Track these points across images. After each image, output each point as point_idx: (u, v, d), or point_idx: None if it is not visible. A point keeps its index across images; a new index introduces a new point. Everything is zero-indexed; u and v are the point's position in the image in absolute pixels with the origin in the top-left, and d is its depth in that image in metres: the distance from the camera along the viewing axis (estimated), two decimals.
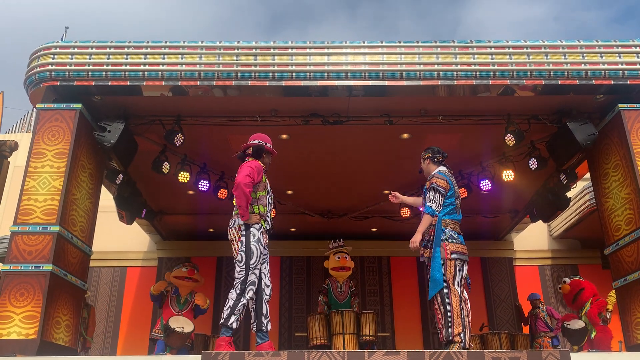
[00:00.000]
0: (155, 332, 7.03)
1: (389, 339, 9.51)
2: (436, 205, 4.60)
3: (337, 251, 7.48)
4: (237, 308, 4.23)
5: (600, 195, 6.07)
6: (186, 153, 6.88)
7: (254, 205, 4.48)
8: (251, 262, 4.31)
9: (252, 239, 4.38)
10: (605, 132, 5.96)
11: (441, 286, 4.40)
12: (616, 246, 5.71)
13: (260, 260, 4.37)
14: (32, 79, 5.66)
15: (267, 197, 4.59)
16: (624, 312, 5.65)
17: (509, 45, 5.75)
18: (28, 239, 5.07)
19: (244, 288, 4.26)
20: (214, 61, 5.65)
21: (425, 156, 5.02)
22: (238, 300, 4.24)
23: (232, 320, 4.22)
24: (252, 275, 4.30)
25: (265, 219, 4.52)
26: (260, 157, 4.71)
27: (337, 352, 3.84)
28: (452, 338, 4.35)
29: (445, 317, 4.41)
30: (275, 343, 9.44)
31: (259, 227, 4.45)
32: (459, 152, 7.11)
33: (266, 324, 4.38)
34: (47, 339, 4.90)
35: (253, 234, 4.40)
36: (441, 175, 4.72)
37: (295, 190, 8.34)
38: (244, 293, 4.25)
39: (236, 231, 4.48)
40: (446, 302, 4.42)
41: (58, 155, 5.41)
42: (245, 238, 4.39)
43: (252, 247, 4.36)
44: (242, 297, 4.24)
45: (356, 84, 5.67)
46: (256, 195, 4.50)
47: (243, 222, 4.43)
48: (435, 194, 4.62)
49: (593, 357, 4.16)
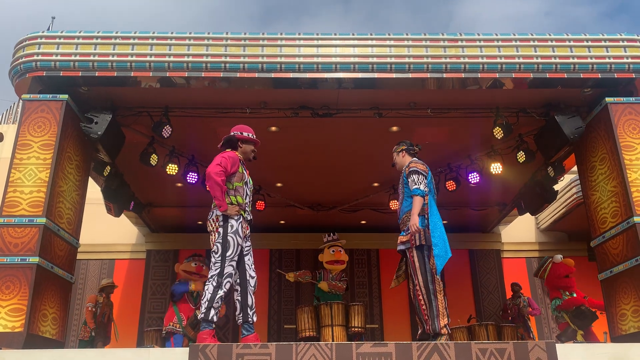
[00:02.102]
0: (174, 326, 6.85)
1: (378, 331, 9.56)
2: (423, 186, 4.62)
3: (331, 245, 7.50)
4: (214, 301, 4.20)
5: (587, 188, 6.13)
6: (174, 145, 6.84)
7: (231, 195, 4.43)
8: (227, 254, 4.27)
9: (230, 230, 4.34)
10: (593, 125, 6.01)
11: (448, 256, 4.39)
12: (602, 239, 5.77)
13: (236, 252, 4.32)
14: (17, 70, 5.58)
15: (244, 188, 4.53)
16: (609, 304, 5.72)
17: (497, 39, 5.76)
18: (14, 231, 5.01)
19: (221, 281, 4.23)
20: (202, 52, 5.60)
21: (400, 148, 5.04)
22: (215, 293, 4.21)
23: (211, 314, 4.20)
24: (228, 267, 4.26)
25: (244, 209, 4.47)
26: (236, 147, 4.63)
27: (325, 344, 3.85)
28: (439, 330, 4.38)
29: (430, 308, 4.43)
30: (264, 335, 9.46)
31: (238, 218, 4.39)
32: (448, 145, 7.13)
33: (252, 315, 4.37)
34: (34, 332, 4.86)
35: (231, 225, 4.35)
36: (419, 161, 4.80)
37: (285, 182, 8.33)
38: (221, 286, 4.22)
39: (214, 222, 4.42)
40: (431, 292, 4.44)
41: (44, 147, 5.35)
42: (222, 229, 4.34)
43: (229, 238, 4.31)
44: (219, 289, 4.21)
45: (345, 76, 5.65)
46: (232, 185, 4.45)
47: (221, 212, 4.36)
48: (418, 177, 4.67)
49: (578, 347, 4.21)
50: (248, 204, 4.57)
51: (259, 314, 9.70)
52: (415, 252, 4.60)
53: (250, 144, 4.69)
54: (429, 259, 4.50)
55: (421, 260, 4.56)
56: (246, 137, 4.66)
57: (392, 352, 3.81)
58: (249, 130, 4.73)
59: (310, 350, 3.80)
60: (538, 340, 4.30)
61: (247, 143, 4.67)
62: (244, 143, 4.66)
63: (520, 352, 3.82)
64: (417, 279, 4.55)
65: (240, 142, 4.65)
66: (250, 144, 4.68)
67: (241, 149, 4.64)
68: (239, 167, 4.51)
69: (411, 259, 4.63)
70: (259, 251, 10.11)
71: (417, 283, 4.55)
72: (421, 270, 4.53)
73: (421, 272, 4.52)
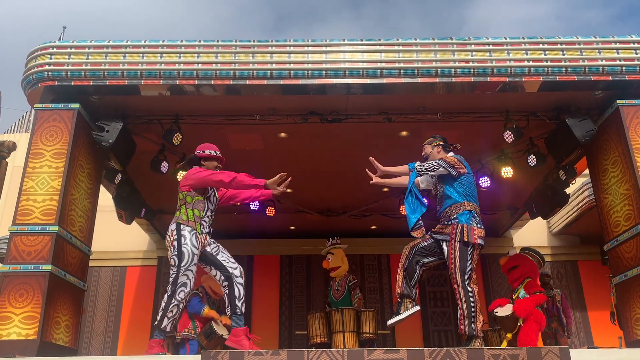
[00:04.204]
0: (189, 332, 6.83)
1: (389, 337, 9.51)
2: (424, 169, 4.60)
3: (327, 252, 7.55)
4: (169, 310, 4.34)
5: (599, 192, 6.07)
6: (185, 152, 6.87)
7: (188, 209, 4.57)
8: (182, 264, 4.41)
9: (183, 242, 4.47)
10: (604, 128, 5.96)
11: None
12: (615, 242, 5.71)
13: (191, 262, 4.43)
14: (30, 79, 5.65)
15: (205, 203, 4.67)
16: (623, 308, 5.66)
17: (506, 42, 5.74)
18: (27, 239, 5.06)
19: (174, 289, 4.35)
20: (211, 60, 5.64)
21: (436, 142, 4.94)
22: (169, 303, 4.34)
23: (164, 323, 4.34)
24: (182, 276, 4.39)
25: (200, 222, 4.59)
26: (199, 166, 4.81)
27: (336, 351, 3.84)
28: (475, 333, 4.31)
29: (468, 310, 4.33)
30: (275, 341, 9.46)
31: (190, 230, 4.52)
32: (458, 150, 7.09)
33: (240, 306, 4.45)
34: (47, 340, 4.89)
35: (184, 236, 4.49)
36: (456, 156, 4.72)
37: (295, 188, 8.29)
38: (175, 295, 4.34)
39: (169, 236, 4.56)
40: (469, 294, 4.34)
41: (56, 156, 5.40)
42: (177, 242, 4.48)
43: (183, 249, 4.45)
44: (172, 299, 4.35)
45: (354, 81, 5.66)
46: (192, 199, 4.60)
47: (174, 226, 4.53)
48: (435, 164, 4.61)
49: (593, 353, 4.17)
50: (207, 218, 4.69)
51: (270, 321, 9.76)
52: (458, 246, 4.42)
53: (213, 161, 4.85)
54: (471, 258, 4.41)
55: (464, 258, 4.41)
56: (208, 155, 4.84)
57: (404, 358, 3.79)
58: (211, 148, 4.91)
59: (322, 357, 3.79)
60: (552, 346, 4.27)
61: (209, 160, 4.84)
62: (206, 160, 4.83)
63: (533, 358, 3.78)
64: (456, 277, 4.40)
65: (203, 160, 4.82)
66: (213, 160, 4.85)
67: (205, 166, 4.81)
68: None
69: (451, 253, 4.46)
70: (269, 257, 10.17)
71: (455, 281, 4.41)
72: (461, 268, 4.39)
73: (461, 271, 4.39)
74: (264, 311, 9.75)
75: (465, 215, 4.51)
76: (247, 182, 4.53)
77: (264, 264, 10.10)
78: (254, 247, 10.03)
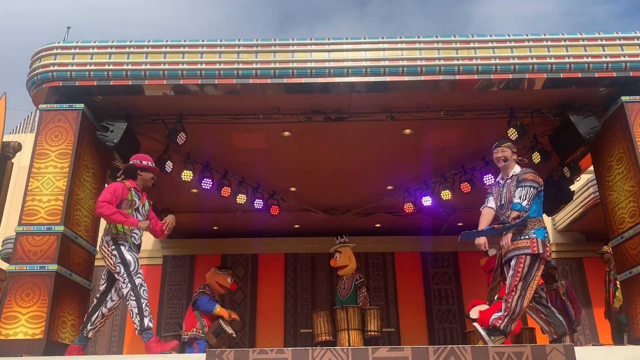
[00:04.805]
0: (197, 332, 6.82)
1: (394, 335, 9.52)
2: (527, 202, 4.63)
3: (334, 250, 7.55)
4: (144, 310, 4.43)
5: (604, 188, 6.06)
6: (189, 152, 6.90)
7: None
8: (131, 269, 4.52)
9: (124, 249, 4.58)
10: (609, 124, 5.94)
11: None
12: (620, 239, 5.69)
13: (138, 265, 4.57)
14: (34, 80, 5.68)
15: (134, 214, 4.72)
16: (628, 305, 5.64)
17: (510, 39, 5.73)
18: (33, 239, 5.09)
19: (138, 292, 4.45)
20: (215, 59, 5.65)
21: (514, 148, 4.95)
22: (140, 304, 4.44)
23: (146, 323, 4.41)
24: (137, 279, 4.51)
25: (131, 235, 4.67)
26: (135, 176, 4.85)
27: (341, 349, 3.85)
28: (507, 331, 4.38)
29: (514, 310, 4.38)
30: (280, 340, 9.48)
31: (123, 242, 4.61)
32: (462, 147, 7.09)
33: (89, 330, 4.63)
34: (54, 339, 4.92)
35: (123, 245, 4.60)
36: (535, 172, 4.79)
37: (299, 187, 8.35)
38: (141, 296, 4.45)
39: (106, 248, 4.63)
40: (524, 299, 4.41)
41: (61, 156, 5.43)
42: (117, 251, 4.57)
43: (127, 256, 4.56)
44: (141, 299, 4.45)
45: (358, 80, 5.66)
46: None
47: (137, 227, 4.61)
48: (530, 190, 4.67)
49: (597, 350, 4.16)
50: (136, 230, 4.74)
51: (277, 318, 9.78)
52: (530, 259, 4.49)
53: (149, 172, 4.90)
54: (537, 271, 4.48)
55: (531, 270, 4.48)
56: (144, 166, 4.88)
57: (409, 356, 3.80)
58: (147, 159, 4.95)
59: (327, 355, 3.81)
60: (556, 344, 4.26)
61: (145, 171, 4.88)
62: (143, 171, 4.87)
63: (538, 355, 3.78)
64: (517, 285, 4.45)
65: (140, 171, 4.86)
66: (149, 171, 4.90)
67: (140, 177, 4.87)
68: (128, 195, 4.71)
69: (519, 264, 4.49)
70: (274, 255, 10.19)
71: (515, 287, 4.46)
72: (526, 279, 4.44)
73: (524, 281, 4.44)
74: (269, 310, 9.77)
75: (542, 232, 4.61)
76: (119, 220, 4.56)
77: (269, 262, 10.12)
78: (258, 245, 10.06)
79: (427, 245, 10.11)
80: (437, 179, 7.84)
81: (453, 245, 10.08)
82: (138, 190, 4.83)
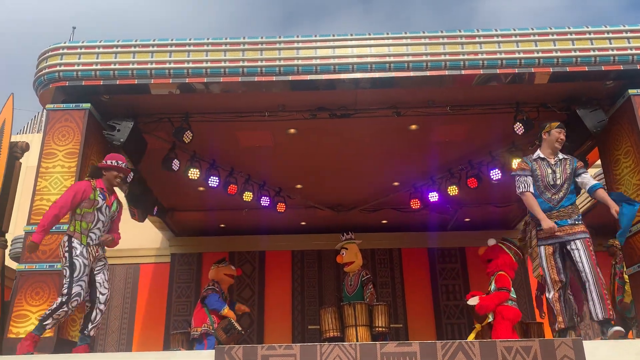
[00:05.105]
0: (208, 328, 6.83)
1: (402, 330, 9.53)
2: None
3: (341, 247, 7.56)
4: (56, 313, 4.39)
5: (612, 182, 6.03)
6: (195, 150, 6.92)
7: (76, 221, 4.64)
8: (74, 275, 4.48)
9: (74, 254, 4.55)
10: (616, 118, 5.91)
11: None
12: (628, 233, 5.66)
13: (84, 273, 4.51)
14: (41, 80, 5.71)
15: (95, 214, 4.68)
16: (637, 300, 5.62)
17: (515, 34, 5.70)
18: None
19: (69, 299, 4.41)
20: (220, 57, 5.67)
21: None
22: (59, 307, 4.39)
23: (47, 322, 4.38)
24: (76, 287, 4.45)
25: (87, 235, 4.63)
26: (99, 175, 4.84)
27: (349, 345, 3.86)
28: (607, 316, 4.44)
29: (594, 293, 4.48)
30: (289, 336, 9.51)
31: (78, 242, 4.59)
32: (468, 142, 7.08)
33: (90, 328, 4.59)
34: (64, 337, 4.97)
35: (75, 247, 4.57)
36: None
37: (305, 184, 8.36)
38: (68, 303, 4.40)
39: (62, 248, 4.62)
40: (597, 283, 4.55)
41: (69, 155, 5.47)
42: (68, 254, 4.55)
43: (74, 261, 4.52)
44: (64, 305, 4.40)
45: (363, 76, 5.66)
46: (81, 211, 4.64)
47: (66, 238, 4.61)
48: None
49: (605, 344, 4.15)
50: (97, 230, 4.70)
51: (283, 316, 9.81)
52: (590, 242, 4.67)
53: (113, 171, 4.85)
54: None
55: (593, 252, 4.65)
56: (106, 165, 4.85)
57: (417, 352, 3.81)
58: (114, 159, 4.88)
59: (335, 351, 3.82)
60: (565, 338, 4.25)
61: (108, 170, 4.84)
62: (106, 171, 4.84)
63: (546, 349, 3.78)
64: (594, 269, 4.57)
65: (103, 170, 4.85)
66: (112, 170, 4.84)
67: (105, 176, 4.84)
68: (91, 194, 4.67)
69: (589, 247, 4.68)
70: (281, 252, 10.21)
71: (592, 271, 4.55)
72: (596, 261, 4.62)
73: (597, 263, 4.60)
74: (277, 306, 9.80)
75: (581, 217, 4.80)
76: (40, 223, 4.53)
77: (276, 259, 10.14)
78: (265, 242, 10.08)
79: (434, 241, 10.10)
80: (443, 175, 7.82)
81: (460, 241, 10.09)
82: (104, 190, 4.79)
